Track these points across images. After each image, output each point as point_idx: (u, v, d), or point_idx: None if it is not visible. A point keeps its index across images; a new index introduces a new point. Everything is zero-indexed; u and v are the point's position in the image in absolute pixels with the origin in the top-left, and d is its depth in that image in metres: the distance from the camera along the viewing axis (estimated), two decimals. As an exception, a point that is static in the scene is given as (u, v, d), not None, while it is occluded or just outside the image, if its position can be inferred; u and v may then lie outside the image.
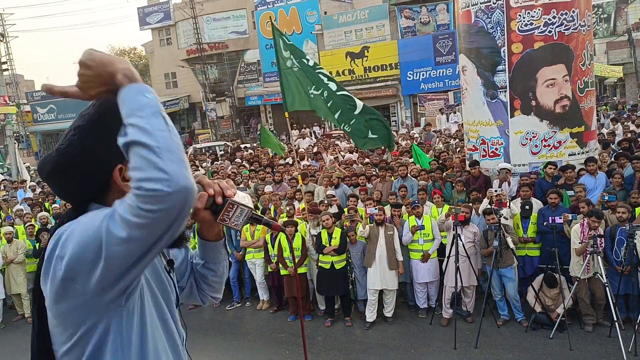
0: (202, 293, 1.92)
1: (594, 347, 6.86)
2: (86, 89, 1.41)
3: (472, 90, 9.96)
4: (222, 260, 1.86)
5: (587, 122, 9.52)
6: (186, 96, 40.11)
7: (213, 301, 1.98)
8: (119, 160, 1.47)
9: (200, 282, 1.89)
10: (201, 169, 16.06)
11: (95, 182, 1.50)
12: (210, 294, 1.93)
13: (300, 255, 8.45)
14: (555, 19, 9.02)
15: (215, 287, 1.92)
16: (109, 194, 1.52)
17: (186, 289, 1.91)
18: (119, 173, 1.49)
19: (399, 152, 14.43)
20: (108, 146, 1.44)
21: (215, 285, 1.92)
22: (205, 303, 1.98)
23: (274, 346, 7.81)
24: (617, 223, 7.25)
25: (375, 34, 30.66)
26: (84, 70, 1.39)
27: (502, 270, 7.58)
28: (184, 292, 1.91)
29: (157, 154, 1.20)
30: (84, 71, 1.39)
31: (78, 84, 1.42)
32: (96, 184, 1.50)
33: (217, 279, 1.90)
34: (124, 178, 1.49)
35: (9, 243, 9.79)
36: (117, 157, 1.45)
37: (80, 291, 1.35)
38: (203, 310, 9.52)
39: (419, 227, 8.16)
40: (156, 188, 1.18)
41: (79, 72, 1.40)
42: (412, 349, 7.35)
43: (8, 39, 28.52)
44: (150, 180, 1.19)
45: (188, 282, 1.91)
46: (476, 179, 9.64)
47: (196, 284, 1.90)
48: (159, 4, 40.16)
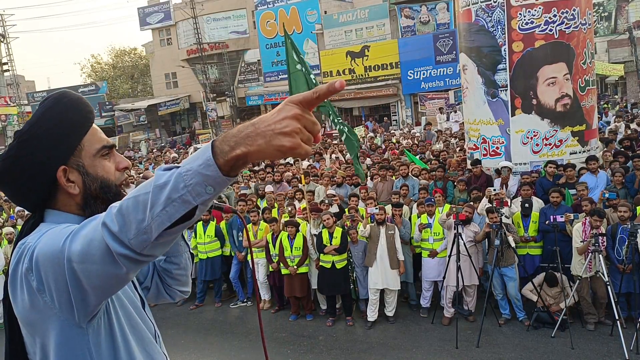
0: (169, 289, 1.91)
1: (596, 345, 6.85)
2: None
3: (473, 89, 9.95)
4: (182, 252, 1.87)
5: (588, 121, 9.52)
6: (187, 96, 40.11)
7: (182, 296, 1.97)
8: (61, 161, 1.50)
9: (165, 278, 1.89)
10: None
11: (41, 185, 1.51)
12: (177, 288, 1.92)
13: (301, 254, 8.44)
14: (555, 17, 9.01)
15: (181, 280, 1.91)
16: (58, 197, 1.54)
17: (152, 288, 1.91)
18: (63, 174, 1.51)
19: (399, 152, 14.43)
20: (47, 148, 1.47)
21: (181, 279, 1.91)
22: (175, 299, 1.97)
23: (275, 346, 7.80)
24: (618, 221, 7.24)
25: (376, 33, 30.64)
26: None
27: (503, 270, 7.57)
28: (150, 292, 1.90)
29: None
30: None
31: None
32: (42, 187, 1.51)
33: (181, 271, 1.89)
34: (68, 179, 1.51)
35: (10, 244, 9.80)
36: (58, 159, 1.49)
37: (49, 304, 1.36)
38: (204, 310, 9.53)
39: (427, 225, 8.18)
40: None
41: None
42: (413, 348, 7.34)
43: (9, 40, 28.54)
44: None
45: (152, 281, 1.90)
46: (478, 178, 9.63)
47: (161, 281, 1.90)
48: (159, 4, 40.17)
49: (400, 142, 17.94)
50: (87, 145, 1.56)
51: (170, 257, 1.86)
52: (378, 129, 23.60)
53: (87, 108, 1.59)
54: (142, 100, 42.41)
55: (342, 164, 13.53)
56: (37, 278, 1.34)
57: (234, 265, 9.55)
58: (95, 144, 1.58)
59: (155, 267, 1.88)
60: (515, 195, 8.88)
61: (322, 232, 8.23)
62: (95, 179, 1.55)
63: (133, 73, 52.71)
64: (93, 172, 1.55)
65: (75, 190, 1.52)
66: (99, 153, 1.58)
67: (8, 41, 28.53)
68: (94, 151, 1.57)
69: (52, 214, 1.55)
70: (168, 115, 41.61)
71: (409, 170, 10.46)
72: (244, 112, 38.69)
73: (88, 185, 1.54)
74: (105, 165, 1.59)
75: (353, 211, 8.60)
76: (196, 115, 41.48)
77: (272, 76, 35.02)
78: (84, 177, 1.54)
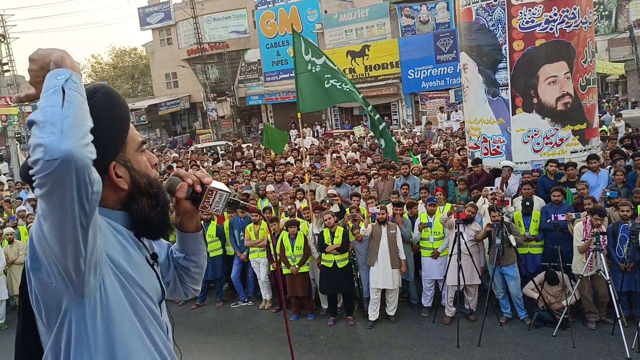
0: (184, 286, 1.94)
1: (597, 344, 6.85)
2: (37, 85, 1.43)
3: (474, 88, 9.95)
4: (202, 250, 1.89)
5: (589, 120, 9.51)
6: (187, 96, 40.12)
7: (194, 294, 2.00)
8: (114, 157, 1.51)
9: (183, 275, 1.91)
10: (202, 169, 16.06)
11: None
12: (192, 286, 1.95)
13: (302, 254, 8.45)
14: (556, 16, 9.00)
15: (196, 279, 1.95)
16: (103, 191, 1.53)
17: (171, 283, 1.94)
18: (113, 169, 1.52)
19: (400, 151, 14.43)
20: (105, 143, 1.46)
21: (197, 277, 1.94)
22: (187, 296, 2.00)
23: (276, 345, 7.80)
24: (619, 220, 7.23)
25: (376, 33, 30.64)
26: (32, 66, 1.42)
27: (505, 269, 7.57)
28: (169, 287, 1.93)
29: (41, 129, 1.23)
30: (31, 66, 1.42)
31: (30, 80, 1.46)
32: None
33: (198, 270, 1.92)
34: (116, 174, 1.52)
35: (10, 244, 9.80)
36: (112, 155, 1.51)
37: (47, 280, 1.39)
38: (206, 309, 9.53)
39: (427, 224, 8.17)
40: (36, 158, 1.21)
41: (28, 68, 1.44)
42: (414, 347, 7.34)
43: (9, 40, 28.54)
44: (33, 153, 1.23)
45: (172, 277, 1.94)
46: (479, 177, 9.63)
47: (179, 277, 1.93)
48: (160, 4, 40.17)
49: (401, 141, 17.94)
50: (130, 140, 1.58)
51: (190, 255, 1.87)
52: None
53: (125, 101, 1.60)
54: (142, 100, 42.44)
55: (343, 164, 13.53)
56: (32, 258, 1.38)
57: (235, 265, 9.55)
58: (136, 139, 1.60)
59: (175, 263, 1.90)
60: (517, 194, 8.88)
61: (324, 232, 8.23)
62: (142, 174, 1.58)
63: (133, 73, 52.74)
64: (138, 167, 1.58)
65: (125, 185, 1.54)
66: (139, 149, 1.61)
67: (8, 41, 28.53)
68: (136, 147, 1.60)
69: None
70: (168, 115, 41.62)
71: (409, 169, 10.46)
72: (245, 112, 38.70)
73: (137, 181, 1.56)
74: (144, 160, 1.62)
75: (354, 211, 8.60)
76: (197, 115, 41.49)
77: (272, 76, 35.02)
78: (131, 172, 1.55)
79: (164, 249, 1.92)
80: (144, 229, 1.60)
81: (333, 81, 9.00)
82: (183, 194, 1.64)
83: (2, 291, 9.61)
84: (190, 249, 1.85)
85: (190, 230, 1.79)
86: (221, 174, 13.81)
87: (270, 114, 36.47)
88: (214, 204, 1.67)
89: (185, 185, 1.64)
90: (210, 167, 16.60)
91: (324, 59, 9.14)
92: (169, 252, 1.93)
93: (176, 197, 1.66)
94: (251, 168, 14.71)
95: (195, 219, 1.77)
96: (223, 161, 18.19)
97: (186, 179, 1.65)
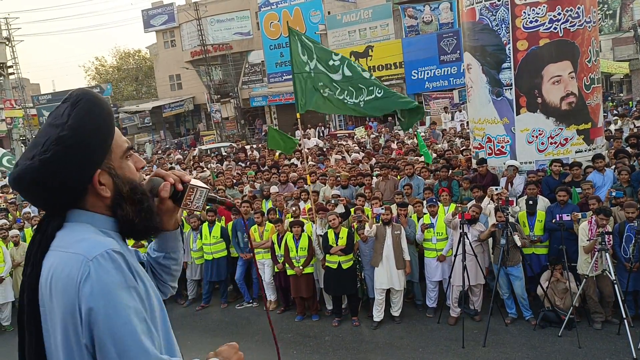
0: (163, 285, 1.94)
1: (603, 344, 6.82)
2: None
3: (478, 88, 9.93)
4: (180, 248, 1.93)
5: (594, 119, 9.47)
6: (191, 98, 40.22)
7: (172, 292, 2.01)
8: (99, 165, 1.54)
9: (162, 274, 1.92)
10: (207, 171, 16.09)
11: (78, 189, 1.54)
12: (170, 283, 1.97)
13: (306, 255, 8.44)
14: (560, 15, 8.98)
15: (175, 276, 1.97)
16: (87, 197, 1.56)
17: None
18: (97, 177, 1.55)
19: (404, 152, 14.42)
20: (90, 153, 1.50)
21: (175, 274, 1.97)
22: (166, 295, 1.99)
23: (281, 346, 7.72)
24: (625, 220, 7.20)
25: (379, 34, 30.62)
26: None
27: (509, 269, 7.54)
28: None
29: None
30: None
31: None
32: (78, 190, 1.55)
33: (177, 267, 1.95)
34: (100, 182, 1.55)
35: (16, 246, 9.84)
36: (97, 163, 1.53)
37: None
38: (210, 311, 9.54)
39: (429, 225, 8.16)
40: None
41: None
42: (419, 348, 7.33)
43: (13, 43, 28.64)
44: None
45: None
46: (483, 177, 9.60)
47: (155, 277, 1.92)
48: (163, 6, 40.30)
49: (405, 142, 17.93)
50: (115, 147, 1.59)
51: (170, 252, 1.89)
52: (382, 129, 23.59)
53: (110, 107, 1.62)
54: (146, 102, 42.58)
55: (347, 164, 13.53)
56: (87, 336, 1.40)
57: (239, 267, 9.56)
58: (121, 145, 1.61)
59: (150, 263, 1.91)
60: (522, 194, 8.86)
61: (328, 233, 8.23)
62: (126, 181, 1.59)
63: (137, 75, 52.86)
64: (122, 174, 1.59)
65: (107, 193, 1.56)
66: (125, 154, 1.62)
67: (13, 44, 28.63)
68: (121, 153, 1.61)
69: (77, 214, 1.56)
70: (172, 117, 41.72)
71: (414, 170, 10.45)
72: (248, 113, 38.75)
73: (120, 188, 1.57)
74: (130, 166, 1.64)
75: (359, 212, 8.60)
76: (200, 117, 41.57)
77: (276, 77, 35.04)
78: (114, 179, 1.57)
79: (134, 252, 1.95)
80: (129, 233, 1.64)
81: (327, 90, 9.04)
82: (166, 194, 1.69)
83: (8, 293, 9.63)
84: (170, 246, 1.88)
85: (170, 228, 1.81)
86: (225, 175, 13.83)
87: (274, 115, 36.49)
88: (195, 201, 1.73)
89: (168, 184, 1.69)
90: (215, 169, 16.62)
91: (316, 62, 9.08)
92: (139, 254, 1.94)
93: (159, 197, 1.69)
94: (255, 169, 14.73)
95: (174, 217, 1.80)
96: (227, 162, 18.21)
97: (167, 178, 1.70)
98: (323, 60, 9.15)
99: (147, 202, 1.63)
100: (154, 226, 1.66)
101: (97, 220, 1.56)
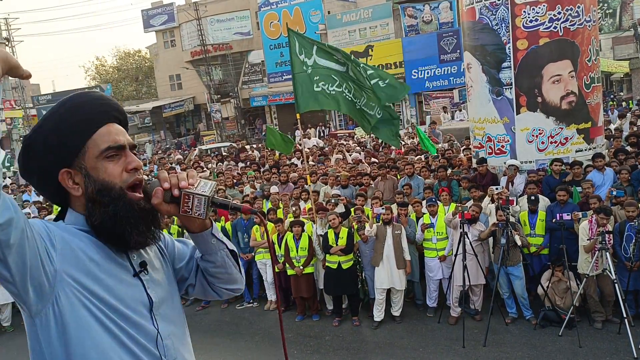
0: (214, 287, 1.88)
1: (604, 344, 6.82)
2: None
3: (478, 88, 9.93)
4: (216, 250, 1.79)
5: (594, 118, 9.47)
6: (191, 98, 40.22)
7: (230, 294, 1.92)
8: (62, 165, 1.55)
9: (206, 275, 1.86)
10: (207, 170, 16.09)
11: (50, 188, 1.59)
12: (220, 285, 1.87)
13: (306, 255, 8.44)
14: (560, 14, 8.97)
15: (222, 278, 1.86)
16: (71, 197, 1.60)
17: (197, 285, 1.90)
18: (68, 177, 1.56)
19: (404, 151, 14.40)
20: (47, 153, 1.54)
21: (222, 276, 1.85)
22: (222, 296, 1.93)
23: (281, 346, 7.80)
24: (625, 219, 7.19)
25: (379, 33, 30.61)
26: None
27: (510, 269, 7.54)
28: (195, 289, 1.91)
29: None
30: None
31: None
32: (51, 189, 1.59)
33: (219, 269, 1.83)
34: (73, 181, 1.56)
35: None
36: (59, 163, 1.55)
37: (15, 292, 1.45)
38: (211, 311, 9.54)
39: (429, 225, 8.15)
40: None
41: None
42: (420, 347, 7.33)
43: (13, 44, 28.64)
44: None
45: (197, 279, 1.90)
46: (483, 177, 9.60)
47: (205, 279, 1.88)
48: (163, 6, 40.31)
49: (405, 141, 17.91)
50: (92, 147, 1.57)
51: (205, 255, 1.80)
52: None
53: (98, 108, 1.60)
54: (146, 102, 42.59)
55: (347, 164, 13.52)
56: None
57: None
58: (100, 145, 1.58)
59: (199, 264, 1.86)
60: (522, 193, 8.85)
61: (328, 233, 8.22)
62: (95, 181, 1.56)
63: (137, 75, 52.87)
64: (94, 174, 1.56)
65: (78, 192, 1.57)
66: (102, 155, 1.58)
67: (13, 45, 28.65)
68: (97, 153, 1.57)
69: (70, 213, 1.61)
70: (173, 117, 41.74)
71: (414, 169, 10.44)
72: (249, 113, 38.75)
73: (87, 187, 1.56)
74: (108, 167, 1.58)
75: (359, 212, 8.59)
76: (200, 117, 41.59)
77: (276, 77, 35.03)
78: (85, 179, 1.56)
79: (189, 249, 1.91)
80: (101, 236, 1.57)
81: (322, 84, 9.02)
82: (157, 200, 1.60)
83: (7, 294, 9.61)
84: (202, 249, 1.79)
85: (194, 230, 1.74)
86: (225, 175, 13.83)
87: (274, 115, 36.49)
88: (195, 208, 1.61)
89: (160, 190, 1.60)
90: (215, 169, 16.62)
91: (314, 59, 9.02)
92: (193, 253, 1.89)
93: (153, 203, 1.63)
94: (255, 169, 14.72)
95: (195, 220, 1.70)
96: (227, 162, 18.21)
97: (163, 182, 1.61)
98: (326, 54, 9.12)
99: (115, 207, 1.55)
100: (120, 234, 1.57)
101: (78, 219, 1.58)
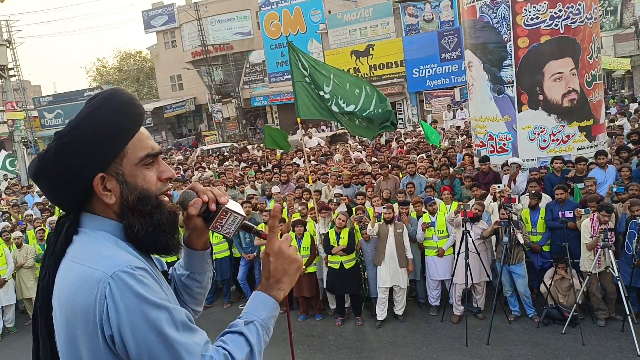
0: (185, 306, 1.74)
1: (607, 341, 6.81)
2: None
3: (479, 86, 9.92)
4: (207, 270, 1.75)
5: (596, 116, 9.46)
6: (192, 98, 40.24)
7: (195, 315, 1.82)
8: (100, 168, 1.43)
9: (183, 294, 1.76)
10: (208, 171, 16.09)
11: (77, 190, 1.45)
12: (192, 306, 1.79)
13: (309, 254, 8.44)
14: (561, 12, 8.96)
15: (198, 299, 1.80)
16: (94, 202, 1.47)
17: None
18: (100, 182, 1.43)
19: (406, 150, 14.40)
20: (86, 154, 1.40)
21: (199, 297, 1.80)
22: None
23: (284, 346, 7.79)
24: (625, 213, 7.18)
25: (380, 32, 30.59)
26: (274, 260, 1.71)
27: (512, 267, 7.54)
28: None
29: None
30: (273, 260, 1.72)
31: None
32: (78, 192, 1.45)
33: (201, 290, 1.78)
34: (105, 187, 1.44)
35: (18, 248, 9.85)
36: (97, 166, 1.42)
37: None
38: (214, 311, 9.55)
39: (429, 224, 8.14)
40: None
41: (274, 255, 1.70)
42: (423, 346, 7.33)
43: (14, 45, 28.65)
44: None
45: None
46: (485, 175, 9.59)
47: (177, 295, 1.74)
48: (163, 6, 40.33)
49: (403, 139, 17.91)
50: (131, 152, 1.47)
51: (195, 273, 1.74)
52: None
53: (137, 110, 1.50)
54: (147, 102, 42.57)
55: (349, 163, 13.51)
56: (121, 348, 1.32)
57: (241, 267, 9.56)
58: (139, 151, 1.49)
59: (175, 282, 1.76)
60: (524, 191, 8.85)
61: (329, 233, 8.22)
62: (134, 189, 1.47)
63: (138, 76, 52.90)
64: (132, 181, 1.47)
65: (111, 199, 1.45)
66: (142, 162, 1.49)
67: (14, 47, 28.64)
68: (137, 160, 1.48)
69: (90, 218, 1.48)
70: (174, 118, 41.76)
71: (416, 169, 10.44)
72: (250, 113, 38.76)
73: (125, 196, 1.46)
74: (146, 175, 1.50)
75: (360, 211, 8.58)
76: (202, 117, 41.61)
77: (277, 77, 35.04)
78: (121, 186, 1.46)
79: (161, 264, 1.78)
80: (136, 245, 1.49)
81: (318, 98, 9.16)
82: (195, 211, 1.55)
83: (11, 295, 9.64)
84: (196, 267, 1.72)
85: (198, 247, 1.69)
86: (227, 175, 13.82)
87: (275, 115, 36.49)
88: (226, 226, 1.59)
89: (200, 201, 1.55)
90: (217, 169, 16.62)
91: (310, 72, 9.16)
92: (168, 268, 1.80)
93: (187, 213, 1.57)
94: (256, 169, 14.72)
95: (204, 237, 1.67)
96: (229, 162, 18.20)
97: (202, 195, 1.56)
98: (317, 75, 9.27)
99: (158, 216, 1.49)
100: (164, 243, 1.52)
101: (108, 226, 1.46)
